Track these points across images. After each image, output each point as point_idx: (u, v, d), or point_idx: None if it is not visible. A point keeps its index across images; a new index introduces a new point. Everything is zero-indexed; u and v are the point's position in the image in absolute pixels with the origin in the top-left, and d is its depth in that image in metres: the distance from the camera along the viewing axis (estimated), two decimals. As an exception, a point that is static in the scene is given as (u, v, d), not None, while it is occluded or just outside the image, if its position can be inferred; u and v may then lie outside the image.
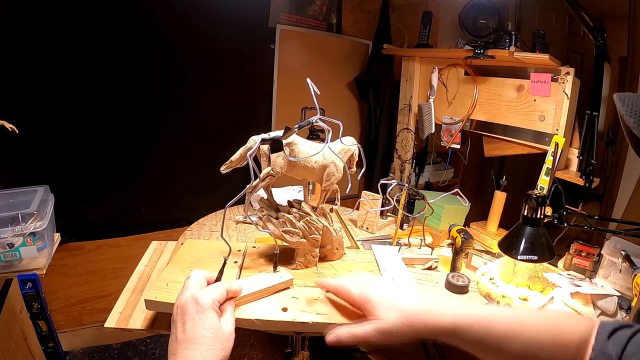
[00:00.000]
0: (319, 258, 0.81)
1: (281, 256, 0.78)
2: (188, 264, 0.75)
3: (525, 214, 0.97)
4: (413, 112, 1.75)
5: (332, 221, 0.82)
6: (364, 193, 1.37)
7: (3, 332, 1.02)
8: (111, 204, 1.60)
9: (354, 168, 0.81)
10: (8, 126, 0.99)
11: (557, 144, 1.20)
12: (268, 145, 0.71)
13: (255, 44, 1.74)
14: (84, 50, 1.39)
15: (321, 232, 0.78)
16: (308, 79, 0.69)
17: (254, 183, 0.71)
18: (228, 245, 0.78)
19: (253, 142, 0.71)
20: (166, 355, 0.52)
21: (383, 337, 0.52)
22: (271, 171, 0.72)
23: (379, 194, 1.23)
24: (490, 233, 1.37)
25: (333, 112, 1.90)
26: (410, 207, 1.44)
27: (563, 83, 1.21)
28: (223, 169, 0.73)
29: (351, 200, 2.15)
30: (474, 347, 0.52)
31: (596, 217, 1.13)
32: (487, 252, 1.23)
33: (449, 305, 0.54)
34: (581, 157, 1.25)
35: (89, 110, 1.46)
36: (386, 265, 0.87)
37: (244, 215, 0.74)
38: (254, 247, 0.85)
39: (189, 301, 0.52)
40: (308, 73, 1.89)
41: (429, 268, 1.11)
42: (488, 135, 1.49)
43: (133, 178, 1.61)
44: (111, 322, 0.71)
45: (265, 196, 0.83)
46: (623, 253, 0.96)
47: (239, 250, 0.83)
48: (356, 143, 0.80)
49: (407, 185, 1.18)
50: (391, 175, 1.90)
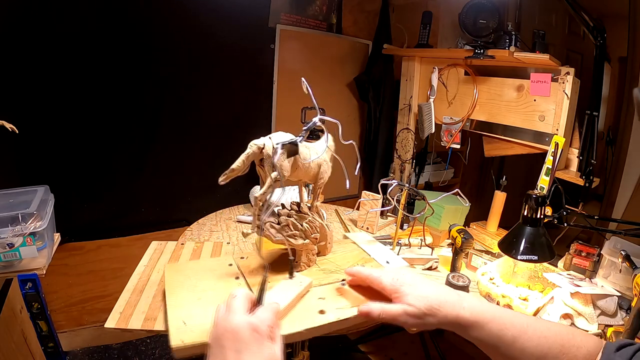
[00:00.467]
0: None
1: (269, 260, 0.79)
2: (188, 293, 0.70)
3: (525, 214, 0.97)
4: (413, 112, 1.75)
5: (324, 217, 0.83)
6: (364, 193, 1.37)
7: (3, 332, 1.02)
8: (111, 204, 1.60)
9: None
10: (8, 126, 0.99)
11: (557, 144, 1.20)
12: (285, 149, 0.68)
13: (255, 44, 1.74)
14: (84, 50, 1.39)
15: (319, 230, 0.79)
16: (303, 79, 0.68)
17: (264, 190, 0.68)
18: (266, 266, 0.74)
19: (256, 147, 0.69)
20: (166, 355, 0.52)
21: (408, 320, 0.58)
22: (278, 176, 0.71)
23: (379, 194, 1.23)
24: (490, 233, 1.37)
25: (333, 112, 1.89)
26: (410, 207, 1.44)
27: (563, 83, 1.21)
28: (222, 180, 0.68)
29: (351, 200, 2.15)
30: (487, 343, 0.56)
31: (596, 217, 1.13)
32: (487, 252, 1.23)
33: (470, 301, 0.58)
34: (581, 157, 1.25)
35: (89, 110, 1.45)
36: (371, 250, 0.91)
37: (255, 225, 0.73)
38: (243, 258, 0.83)
39: (246, 329, 0.49)
40: (308, 73, 1.91)
41: (429, 268, 1.11)
42: (488, 135, 1.49)
43: (133, 178, 1.61)
44: (111, 322, 0.71)
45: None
46: (623, 253, 0.96)
47: (230, 264, 0.80)
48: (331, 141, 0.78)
49: (407, 185, 1.18)
50: (391, 175, 1.90)
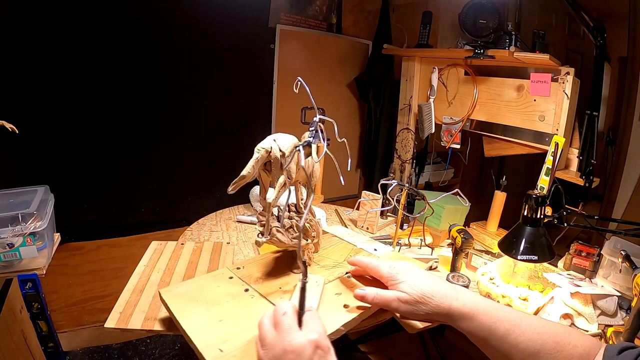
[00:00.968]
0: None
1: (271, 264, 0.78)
2: (205, 318, 0.63)
3: (525, 214, 0.97)
4: (413, 112, 1.75)
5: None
6: (364, 193, 1.37)
7: (3, 332, 1.02)
8: (111, 204, 1.60)
9: (316, 158, 0.75)
10: (8, 126, 0.99)
11: (557, 144, 1.20)
12: (304, 147, 0.66)
13: (255, 44, 1.74)
14: (84, 50, 1.39)
15: (316, 229, 0.80)
16: (299, 78, 0.67)
17: (276, 194, 0.67)
18: (303, 272, 0.68)
19: (264, 151, 0.66)
20: (166, 355, 0.51)
21: (400, 306, 0.60)
22: (287, 179, 0.69)
23: (379, 194, 1.23)
24: (490, 233, 1.37)
25: (333, 112, 1.91)
26: (410, 207, 1.44)
27: (563, 83, 1.21)
28: (232, 189, 0.66)
29: (351, 200, 2.15)
30: (478, 335, 0.57)
31: (596, 217, 1.13)
32: (487, 252, 1.23)
33: (465, 294, 0.60)
34: (581, 157, 1.25)
35: (89, 110, 1.45)
36: (355, 241, 0.94)
37: (268, 231, 0.72)
38: (239, 269, 0.78)
39: (309, 347, 0.48)
40: (308, 73, 1.92)
41: (429, 268, 1.11)
42: (488, 135, 1.49)
43: (133, 178, 1.61)
44: (111, 322, 0.71)
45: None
46: (623, 253, 0.96)
47: (230, 277, 0.75)
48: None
49: (408, 185, 1.18)
50: (391, 175, 1.90)
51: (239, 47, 1.69)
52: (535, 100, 1.30)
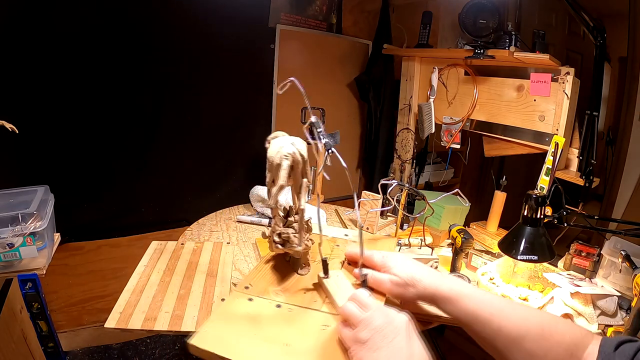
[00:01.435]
0: None
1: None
2: (268, 344, 0.56)
3: (525, 214, 0.97)
4: (413, 112, 1.75)
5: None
6: (364, 193, 1.37)
7: (3, 332, 1.02)
8: (111, 204, 1.60)
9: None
10: (8, 126, 0.99)
11: (557, 144, 1.20)
12: (329, 147, 0.66)
13: (255, 44, 1.74)
14: (84, 50, 1.39)
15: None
16: (293, 78, 0.67)
17: (304, 200, 0.71)
18: (360, 264, 0.69)
19: (291, 158, 0.67)
20: (166, 355, 0.51)
21: (392, 288, 0.64)
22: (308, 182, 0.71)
23: (379, 194, 1.23)
24: (490, 233, 1.37)
25: (333, 112, 1.92)
26: (410, 207, 1.44)
27: (563, 83, 1.21)
28: (272, 202, 0.70)
29: (351, 200, 2.15)
30: (462, 319, 0.60)
31: (596, 217, 1.13)
32: (487, 252, 1.23)
33: (451, 279, 0.63)
34: (581, 157, 1.25)
35: (89, 110, 1.45)
36: (330, 232, 0.98)
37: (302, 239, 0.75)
38: (249, 287, 0.71)
39: (404, 321, 0.53)
40: (308, 73, 1.92)
41: (429, 268, 1.11)
42: (488, 135, 1.49)
43: (133, 178, 1.61)
44: (111, 322, 0.71)
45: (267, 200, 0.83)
46: (623, 253, 0.96)
47: (250, 299, 0.67)
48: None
49: (408, 185, 1.18)
50: (391, 175, 1.90)
51: (239, 47, 1.69)
52: (535, 100, 1.30)
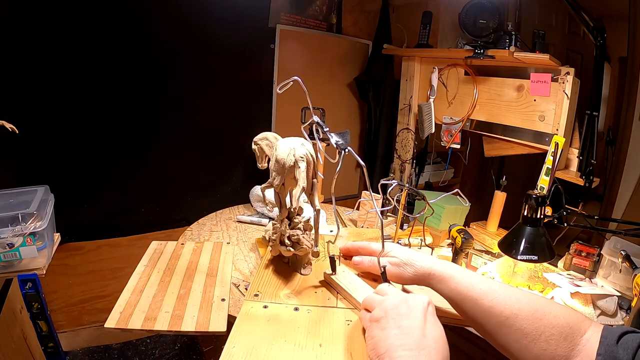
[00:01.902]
0: None
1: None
2: (299, 348, 0.57)
3: (525, 214, 0.97)
4: (413, 112, 1.75)
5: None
6: (364, 193, 1.37)
7: (3, 332, 1.02)
8: (111, 204, 1.60)
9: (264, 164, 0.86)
10: (8, 126, 0.99)
11: (557, 144, 1.20)
12: (339, 150, 0.66)
13: (255, 44, 1.74)
14: (84, 50, 1.39)
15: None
16: (297, 77, 0.68)
17: (318, 201, 0.73)
18: (379, 259, 0.71)
19: (306, 159, 0.68)
20: (166, 355, 0.51)
21: (391, 269, 0.69)
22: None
23: (379, 194, 1.23)
24: (490, 233, 1.37)
25: (333, 112, 1.92)
26: (410, 207, 1.44)
27: (563, 83, 1.21)
28: (296, 204, 0.75)
29: (351, 200, 2.15)
30: (454, 298, 0.62)
31: (596, 217, 1.13)
32: (487, 252, 1.23)
33: (445, 262, 0.67)
34: (581, 157, 1.25)
35: (89, 110, 1.45)
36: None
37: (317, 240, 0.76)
38: (258, 295, 0.72)
39: (421, 302, 0.55)
40: (308, 73, 1.92)
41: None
42: (488, 135, 1.49)
43: (133, 178, 1.61)
44: (111, 322, 0.71)
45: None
46: (623, 253, 0.96)
47: (265, 307, 0.68)
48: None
49: (408, 185, 1.18)
50: (391, 175, 1.90)
51: (239, 47, 1.69)
52: (535, 100, 1.30)
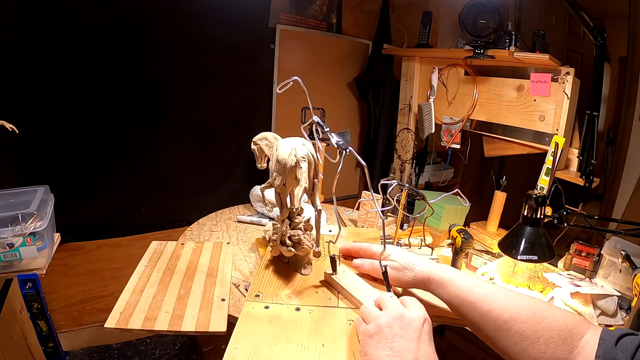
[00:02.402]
0: None
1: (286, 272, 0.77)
2: (301, 348, 0.58)
3: (525, 214, 0.97)
4: (413, 112, 1.75)
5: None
6: (364, 193, 1.37)
7: (3, 332, 1.02)
8: (111, 204, 1.60)
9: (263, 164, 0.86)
10: (8, 126, 0.99)
11: (557, 144, 1.20)
12: (340, 150, 0.67)
13: (255, 44, 1.74)
14: (84, 50, 1.39)
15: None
16: (297, 78, 0.68)
17: (319, 202, 0.73)
18: (381, 261, 0.71)
19: (307, 160, 0.68)
20: (166, 355, 0.51)
21: (391, 272, 0.68)
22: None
23: (379, 194, 1.23)
24: (490, 233, 1.37)
25: (333, 112, 1.91)
26: (410, 207, 1.44)
27: (563, 83, 1.21)
28: (298, 204, 0.75)
29: (351, 200, 2.15)
30: (453, 302, 0.62)
31: (596, 217, 1.13)
32: (487, 252, 1.23)
33: (445, 266, 0.67)
34: (581, 157, 1.25)
35: (89, 110, 1.45)
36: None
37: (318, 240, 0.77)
38: (259, 295, 0.72)
39: (417, 319, 0.53)
40: (308, 73, 1.92)
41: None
42: (488, 135, 1.49)
43: (133, 178, 1.61)
44: (111, 322, 0.71)
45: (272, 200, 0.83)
46: (623, 253, 0.96)
47: (267, 307, 0.68)
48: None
49: (408, 185, 1.18)
50: (391, 175, 1.90)
51: (239, 47, 1.69)
52: (535, 100, 1.30)
